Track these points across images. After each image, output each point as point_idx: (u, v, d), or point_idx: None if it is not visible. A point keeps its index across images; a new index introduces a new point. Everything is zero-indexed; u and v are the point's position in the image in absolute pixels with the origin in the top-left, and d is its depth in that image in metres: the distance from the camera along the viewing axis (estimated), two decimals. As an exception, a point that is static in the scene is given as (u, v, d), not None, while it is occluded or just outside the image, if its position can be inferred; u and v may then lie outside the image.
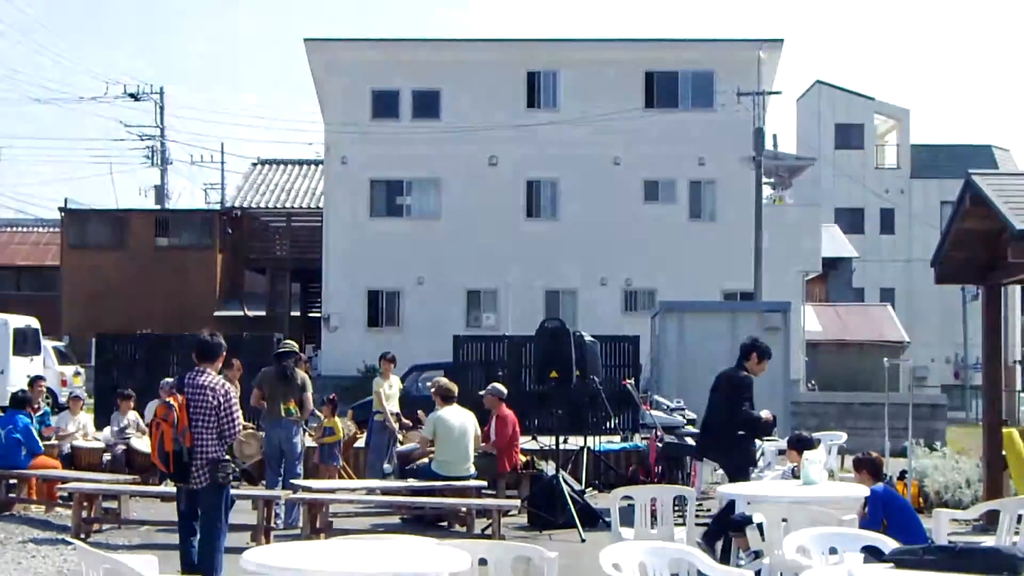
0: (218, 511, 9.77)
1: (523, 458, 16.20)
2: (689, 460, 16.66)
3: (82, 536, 13.18)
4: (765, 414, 12.11)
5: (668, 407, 18.24)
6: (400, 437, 17.80)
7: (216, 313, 43.68)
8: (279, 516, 14.02)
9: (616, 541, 9.15)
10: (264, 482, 14.89)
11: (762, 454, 16.33)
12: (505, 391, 15.95)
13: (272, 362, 14.86)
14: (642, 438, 19.28)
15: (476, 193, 38.22)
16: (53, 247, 50.75)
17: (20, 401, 16.30)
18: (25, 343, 29.78)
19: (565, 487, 14.31)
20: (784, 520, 8.91)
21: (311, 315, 45.40)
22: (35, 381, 18.95)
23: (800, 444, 11.39)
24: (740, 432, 12.01)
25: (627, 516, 10.68)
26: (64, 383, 30.87)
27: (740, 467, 11.89)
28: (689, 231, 37.96)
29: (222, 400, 9.61)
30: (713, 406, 12.32)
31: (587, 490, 16.33)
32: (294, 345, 15.27)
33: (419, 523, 14.45)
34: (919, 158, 59.19)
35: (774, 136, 49.63)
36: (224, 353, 10.03)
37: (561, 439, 16.34)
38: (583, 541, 13.36)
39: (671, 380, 23.66)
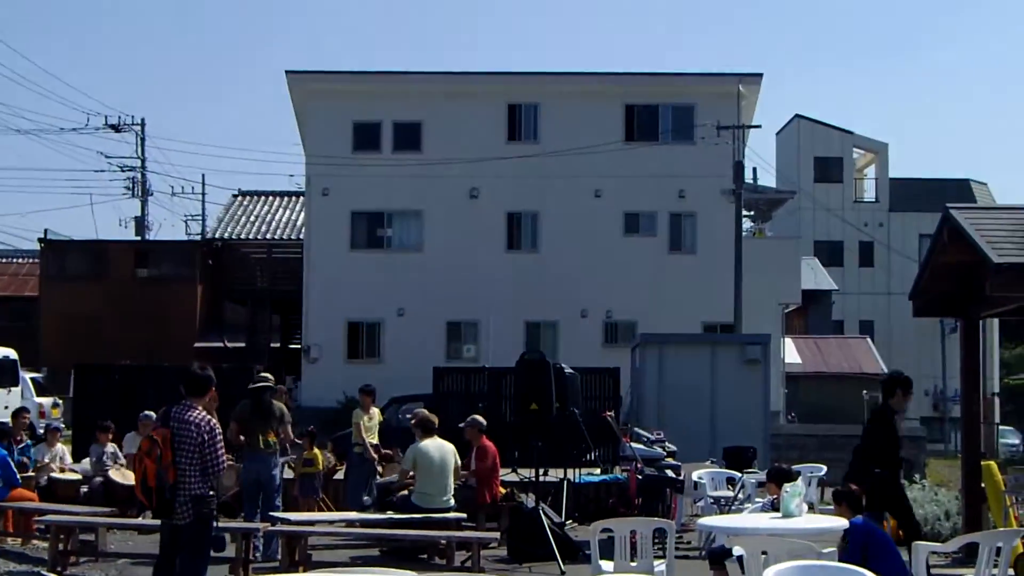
0: (200, 546, 9.68)
1: (503, 490, 16.15)
2: (669, 492, 16.64)
3: (59, 569, 13.10)
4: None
5: (648, 439, 18.24)
6: (380, 469, 17.75)
7: (196, 344, 43.54)
8: (258, 549, 13.94)
9: (596, 574, 9.12)
10: (243, 514, 14.82)
11: (742, 486, 16.32)
12: (485, 423, 15.94)
13: (249, 395, 14.80)
14: (622, 470, 19.22)
15: (457, 225, 38.27)
16: (32, 278, 50.54)
17: (-2, 433, 16.21)
18: (3, 374, 29.66)
19: (545, 519, 14.28)
20: (764, 553, 8.89)
21: (292, 346, 45.27)
22: (19, 413, 18.77)
23: (780, 476, 11.37)
24: (876, 469, 11.88)
25: (607, 548, 10.64)
26: (43, 414, 30.72)
27: (873, 501, 10.87)
28: (669, 263, 38.05)
29: (207, 437, 9.54)
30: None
31: (567, 522, 16.27)
32: (270, 378, 15.22)
33: (399, 555, 14.37)
34: (897, 192, 59.52)
35: (754, 169, 50.14)
36: (213, 387, 9.96)
37: (541, 471, 16.31)
38: (562, 574, 13.32)
39: (651, 412, 23.70)
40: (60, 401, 32.55)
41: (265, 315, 43.91)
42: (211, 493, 9.68)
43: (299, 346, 41.18)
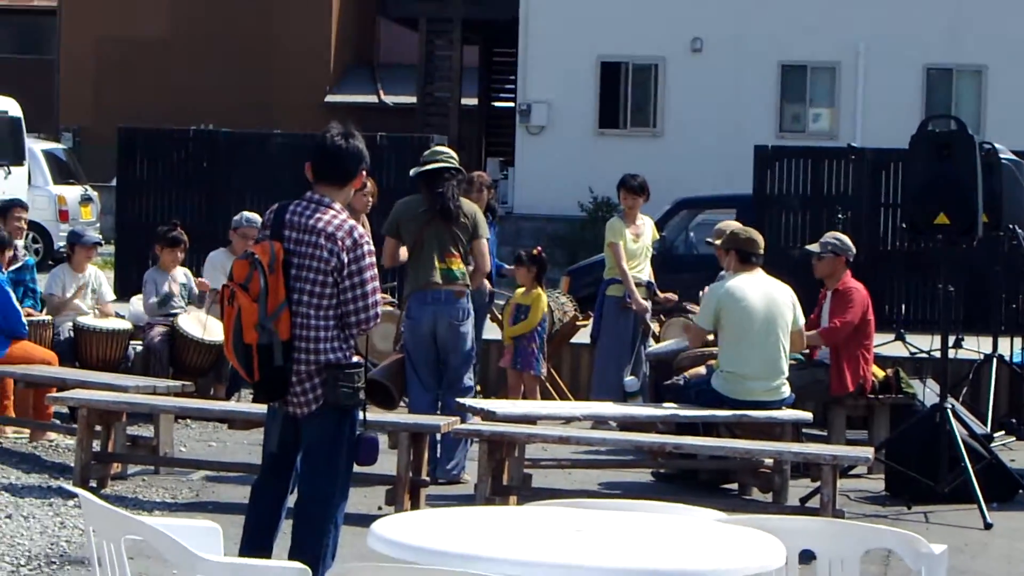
0: (334, 454, 9.72)
1: (879, 372, 16.06)
2: None
3: (92, 484, 13.52)
4: None
5: None
6: (654, 327, 17.82)
7: (328, 98, 44.35)
8: (437, 461, 14.19)
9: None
10: (407, 400, 15.06)
11: None
12: (852, 248, 15.77)
13: (416, 188, 14.88)
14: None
15: None
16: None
17: (-13, 246, 16.56)
18: (-1, 143, 30.46)
19: (957, 428, 14.15)
20: None
21: (498, 104, 45.69)
22: (9, 209, 18.74)
23: None
24: None
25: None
26: (64, 216, 31.58)
27: None
28: None
29: (348, 258, 9.45)
30: None
31: (997, 435, 16.13)
32: (453, 156, 15.19)
33: (686, 482, 14.55)
34: None
35: None
36: (364, 170, 9.90)
37: (952, 340, 16.13)
38: (988, 527, 13.28)
39: None
40: (94, 193, 33.44)
41: (451, 48, 44.21)
42: (355, 360, 9.74)
43: (511, 104, 41.49)
